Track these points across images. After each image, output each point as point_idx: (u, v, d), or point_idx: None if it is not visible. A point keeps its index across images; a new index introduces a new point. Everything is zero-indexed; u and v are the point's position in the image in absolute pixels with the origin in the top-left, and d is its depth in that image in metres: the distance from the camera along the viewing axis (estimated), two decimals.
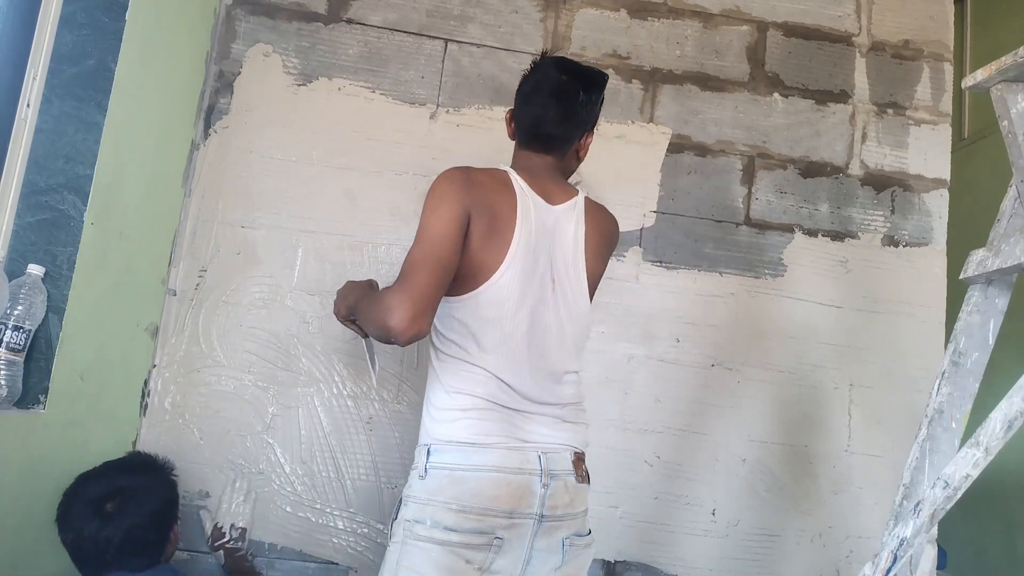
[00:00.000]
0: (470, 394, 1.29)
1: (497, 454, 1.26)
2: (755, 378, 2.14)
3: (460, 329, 1.31)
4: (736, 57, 2.29)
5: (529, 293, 1.33)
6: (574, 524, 1.33)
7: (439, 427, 1.29)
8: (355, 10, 2.16)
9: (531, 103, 1.44)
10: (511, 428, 1.29)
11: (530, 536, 1.27)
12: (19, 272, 1.45)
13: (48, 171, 1.52)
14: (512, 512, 1.25)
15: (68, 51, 1.54)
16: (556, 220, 1.40)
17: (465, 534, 1.22)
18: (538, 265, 1.35)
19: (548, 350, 1.36)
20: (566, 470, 1.32)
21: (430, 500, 1.24)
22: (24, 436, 1.41)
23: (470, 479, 1.24)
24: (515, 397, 1.31)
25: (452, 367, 1.32)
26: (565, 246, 1.40)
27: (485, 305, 1.30)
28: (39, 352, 1.48)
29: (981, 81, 1.18)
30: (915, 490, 1.18)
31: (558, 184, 1.46)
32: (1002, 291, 1.22)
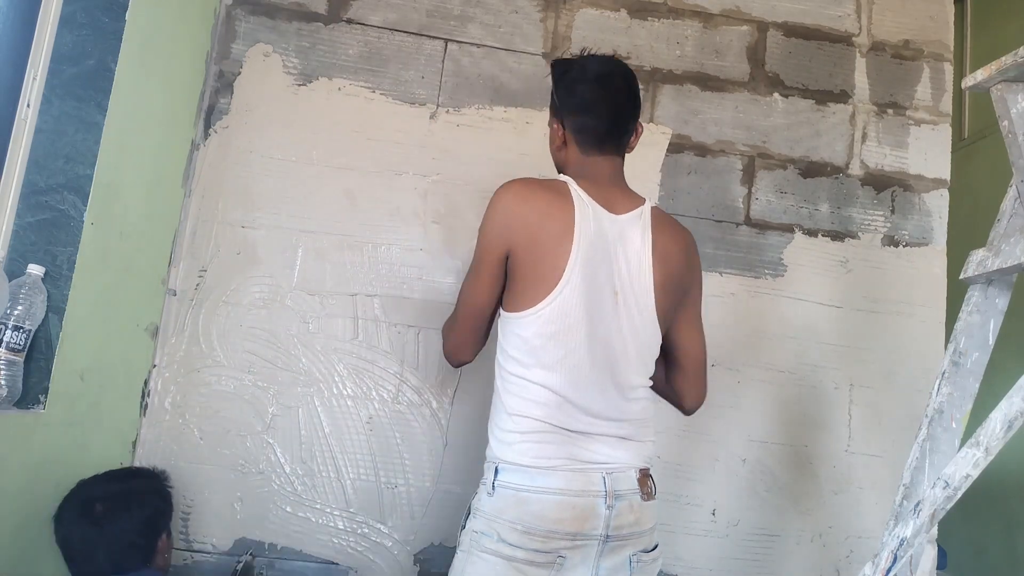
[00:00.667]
0: (530, 416, 1.28)
1: (560, 477, 1.26)
2: (755, 378, 2.14)
3: (522, 346, 1.30)
4: (736, 57, 2.29)
5: (590, 307, 1.30)
6: (641, 541, 1.32)
7: (503, 448, 1.30)
8: (355, 10, 2.16)
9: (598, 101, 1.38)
10: (573, 449, 1.28)
11: (595, 556, 1.27)
12: (19, 272, 1.45)
13: (48, 171, 1.52)
14: (576, 534, 1.25)
15: (68, 51, 1.54)
16: (621, 230, 1.35)
17: (529, 552, 1.23)
18: (599, 277, 1.32)
19: (612, 365, 1.33)
20: (631, 489, 1.31)
21: (497, 517, 1.26)
22: (24, 436, 1.41)
23: (534, 501, 1.25)
24: (577, 416, 1.29)
25: (513, 386, 1.31)
26: (629, 257, 1.35)
27: (545, 321, 1.29)
28: (39, 352, 1.48)
29: (981, 81, 1.18)
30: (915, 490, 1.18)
31: (623, 191, 1.41)
32: (1002, 291, 1.22)
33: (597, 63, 1.42)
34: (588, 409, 1.30)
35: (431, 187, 2.11)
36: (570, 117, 1.41)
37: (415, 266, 2.08)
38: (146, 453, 1.92)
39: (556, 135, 1.44)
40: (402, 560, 1.97)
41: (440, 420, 2.03)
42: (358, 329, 2.04)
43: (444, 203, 2.11)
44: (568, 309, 1.29)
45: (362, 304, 2.05)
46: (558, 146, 1.45)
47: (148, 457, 1.92)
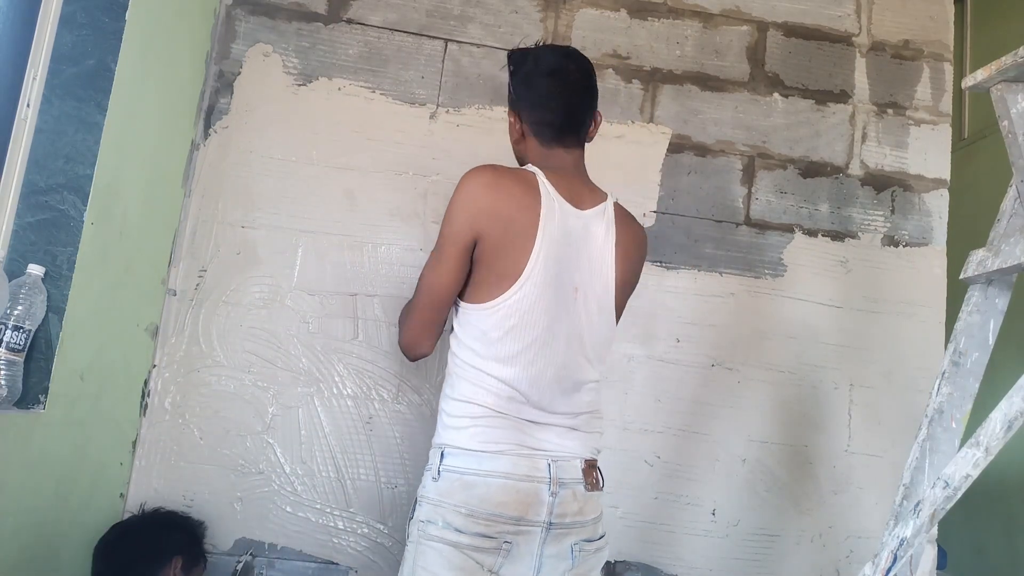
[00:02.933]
0: (481, 404, 1.29)
1: (506, 461, 1.27)
2: (755, 378, 2.14)
3: (480, 337, 1.31)
4: (736, 57, 2.29)
5: (551, 303, 1.32)
6: (584, 531, 1.33)
7: (451, 432, 1.30)
8: (355, 10, 2.16)
9: (552, 96, 1.39)
10: (521, 436, 1.29)
11: (539, 543, 1.27)
12: (19, 272, 1.45)
13: (48, 171, 1.52)
14: (520, 519, 1.25)
15: (68, 51, 1.54)
16: (584, 225, 1.37)
17: (474, 536, 1.24)
18: (561, 273, 1.33)
19: (568, 360, 1.34)
20: (575, 479, 1.32)
21: (441, 502, 1.26)
22: (24, 436, 1.41)
23: (480, 484, 1.25)
24: (526, 408, 1.31)
25: (467, 374, 1.31)
26: (592, 253, 1.37)
27: (506, 315, 1.30)
28: (39, 352, 1.48)
29: (981, 81, 1.18)
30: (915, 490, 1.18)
31: (587, 185, 1.43)
32: (1002, 291, 1.22)
33: (551, 55, 1.42)
34: (539, 403, 1.31)
35: (431, 187, 2.11)
36: (526, 111, 1.42)
37: (415, 266, 2.08)
38: (146, 453, 1.92)
39: (514, 128, 1.45)
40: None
41: None
42: (358, 329, 2.04)
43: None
44: (528, 304, 1.30)
45: (362, 304, 2.05)
46: (516, 139, 1.46)
47: (148, 457, 1.92)
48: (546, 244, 1.30)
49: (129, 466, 1.90)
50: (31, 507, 1.44)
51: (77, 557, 1.64)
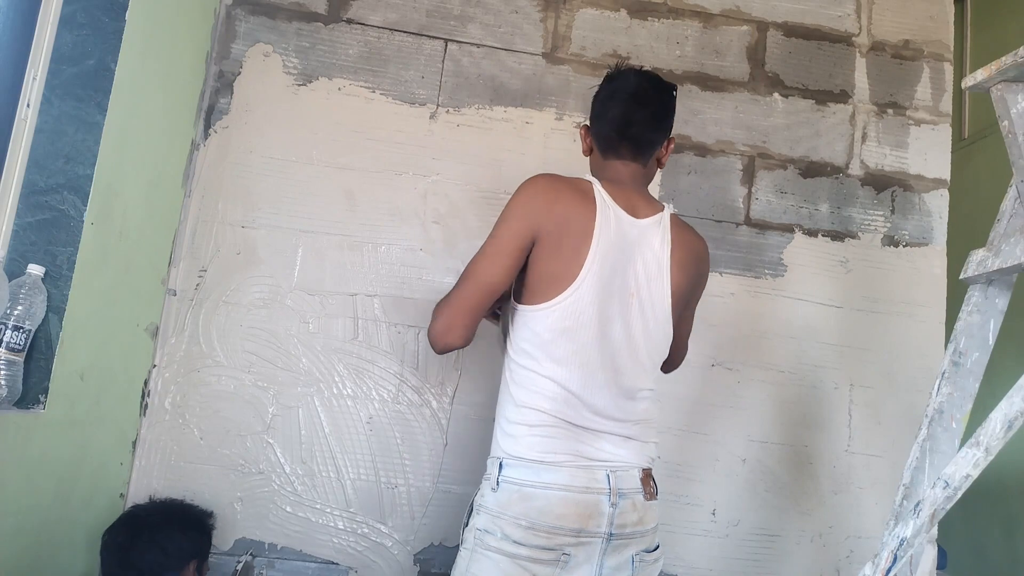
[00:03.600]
0: (538, 409, 1.29)
1: (565, 473, 1.26)
2: (755, 378, 2.14)
3: (534, 339, 1.31)
4: (736, 57, 2.29)
5: (606, 306, 1.32)
6: (643, 541, 1.33)
7: (509, 441, 1.30)
8: (355, 10, 2.16)
9: (615, 109, 1.44)
10: (578, 446, 1.29)
11: (599, 554, 1.27)
12: (19, 272, 1.45)
13: (48, 171, 1.52)
14: (580, 531, 1.25)
15: (68, 51, 1.54)
16: (640, 233, 1.38)
17: (533, 549, 1.24)
18: (616, 278, 1.34)
19: (622, 365, 1.34)
20: (634, 488, 1.32)
21: (501, 513, 1.26)
22: (24, 436, 1.41)
23: (539, 497, 1.25)
24: (583, 412, 1.30)
25: (523, 378, 1.32)
26: (647, 260, 1.38)
27: (560, 316, 1.30)
28: (39, 352, 1.48)
29: (981, 81, 1.18)
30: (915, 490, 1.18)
31: (644, 197, 1.44)
32: (1002, 291, 1.22)
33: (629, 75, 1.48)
34: (595, 406, 1.31)
35: (431, 187, 2.11)
36: (593, 124, 1.49)
37: (415, 266, 2.08)
38: (146, 453, 1.92)
39: (583, 140, 1.53)
40: (402, 560, 1.97)
41: (440, 420, 2.03)
42: (358, 329, 2.04)
43: (444, 203, 2.11)
44: (582, 307, 1.30)
45: (362, 304, 2.05)
46: (585, 151, 1.53)
47: (148, 457, 1.92)
48: (602, 248, 1.32)
49: (129, 466, 1.90)
50: (31, 507, 1.44)
51: (77, 557, 1.64)
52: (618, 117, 1.44)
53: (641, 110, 1.44)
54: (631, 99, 1.44)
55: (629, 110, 1.43)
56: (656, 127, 1.46)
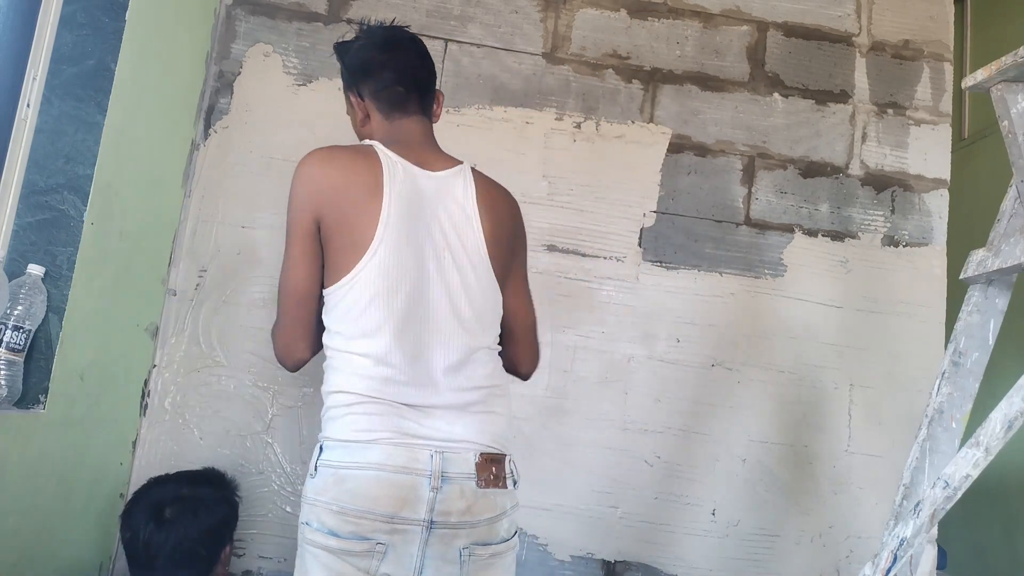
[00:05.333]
0: (351, 391, 1.20)
1: (380, 450, 1.16)
2: (755, 378, 2.14)
3: (344, 317, 1.23)
4: (736, 57, 2.29)
5: (413, 265, 1.23)
6: (475, 533, 1.20)
7: (327, 424, 1.23)
8: (355, 10, 2.16)
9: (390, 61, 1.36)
10: (399, 421, 1.18)
11: (420, 543, 1.16)
12: (19, 272, 1.46)
13: (48, 171, 1.52)
14: (393, 517, 1.14)
15: (68, 51, 1.55)
16: (439, 185, 1.30)
17: (344, 539, 1.14)
18: (420, 234, 1.25)
19: (446, 327, 1.24)
20: (464, 473, 1.19)
21: (316, 500, 1.17)
22: (24, 436, 1.41)
23: (352, 478, 1.15)
24: (406, 389, 1.20)
25: (336, 361, 1.24)
26: (451, 211, 1.29)
27: (360, 289, 1.21)
28: (39, 352, 1.48)
29: (981, 81, 1.18)
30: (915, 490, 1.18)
31: (437, 152, 1.38)
32: (1002, 291, 1.22)
33: (381, 29, 1.41)
34: (419, 379, 1.21)
35: None
36: (367, 83, 1.37)
37: None
38: (146, 453, 1.92)
39: (358, 109, 1.40)
40: None
41: None
42: None
43: None
44: (387, 268, 1.21)
45: None
46: (362, 119, 1.40)
47: (148, 457, 1.92)
48: (395, 205, 1.23)
49: (129, 466, 1.90)
50: (31, 507, 1.44)
51: (77, 557, 1.64)
52: (399, 68, 1.35)
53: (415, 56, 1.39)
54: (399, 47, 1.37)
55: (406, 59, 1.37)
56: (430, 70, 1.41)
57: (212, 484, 1.65)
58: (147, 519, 1.47)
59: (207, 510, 1.54)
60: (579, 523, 2.02)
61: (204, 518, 1.52)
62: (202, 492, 1.59)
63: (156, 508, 1.49)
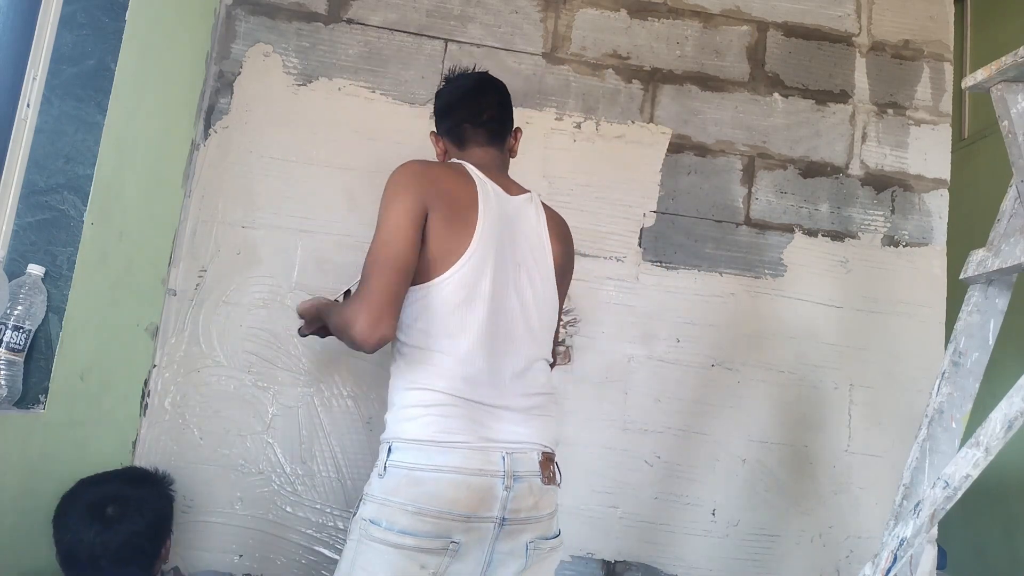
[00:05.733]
0: (432, 388, 1.25)
1: (459, 454, 1.22)
2: (755, 378, 2.14)
3: (425, 316, 1.28)
4: (736, 57, 2.29)
5: (495, 278, 1.32)
6: (539, 527, 1.29)
7: (401, 424, 1.26)
8: (355, 10, 2.16)
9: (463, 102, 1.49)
10: (475, 426, 1.25)
11: (491, 539, 1.23)
12: (19, 272, 1.46)
13: (48, 171, 1.52)
14: (470, 516, 1.21)
15: (68, 51, 1.54)
16: (516, 208, 1.42)
17: (420, 538, 1.19)
18: (503, 249, 1.35)
19: (518, 336, 1.33)
20: (532, 471, 1.28)
21: (387, 500, 1.20)
22: (24, 436, 1.41)
23: (429, 480, 1.20)
24: (480, 388, 1.27)
25: (415, 358, 1.28)
26: (528, 233, 1.41)
27: (451, 291, 1.28)
28: (39, 352, 1.48)
29: (981, 81, 1.18)
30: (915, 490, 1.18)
31: (509, 179, 1.49)
32: (1002, 291, 1.22)
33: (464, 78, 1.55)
34: (492, 380, 1.28)
35: None
36: (442, 123, 1.53)
37: None
38: (146, 453, 1.92)
39: (436, 146, 1.55)
40: None
41: None
42: None
43: None
44: (476, 277, 1.29)
45: None
46: (440, 156, 1.54)
47: (148, 457, 1.92)
48: (488, 220, 1.33)
49: (129, 466, 1.90)
50: (31, 507, 1.44)
51: None
52: (468, 108, 1.48)
53: (487, 97, 1.51)
54: (475, 90, 1.51)
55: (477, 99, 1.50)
56: (503, 110, 1.52)
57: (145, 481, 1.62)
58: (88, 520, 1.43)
59: (148, 506, 1.52)
60: (579, 523, 2.02)
61: (148, 513, 1.51)
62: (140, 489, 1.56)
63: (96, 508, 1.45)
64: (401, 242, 1.25)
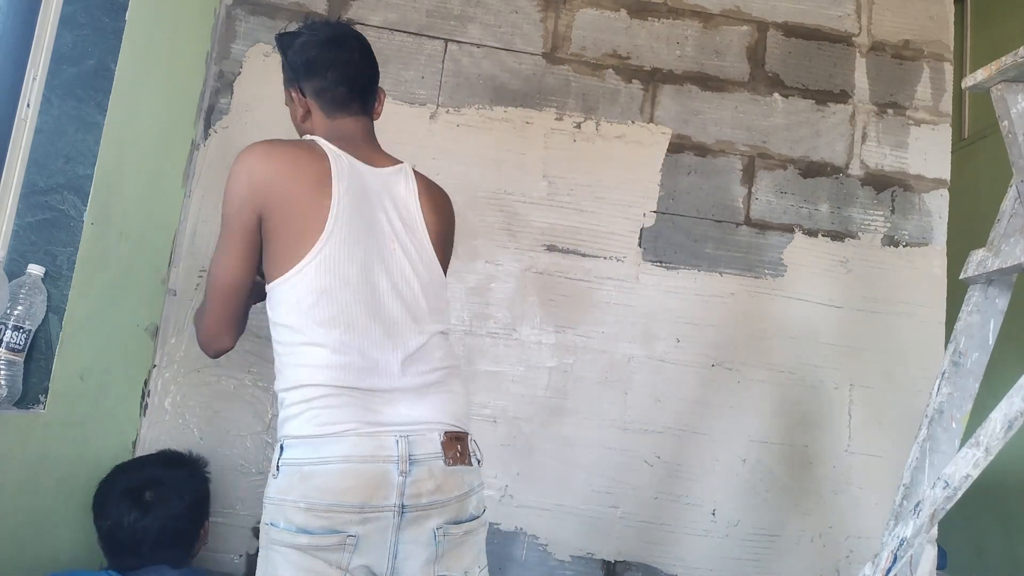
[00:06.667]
0: (312, 383, 1.18)
1: (347, 443, 1.15)
2: (755, 378, 2.14)
3: (294, 310, 1.20)
4: (736, 57, 2.29)
5: (363, 257, 1.24)
6: (446, 511, 1.20)
7: (288, 422, 1.19)
8: (355, 10, 2.16)
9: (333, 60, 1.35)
10: (364, 412, 1.17)
11: (392, 529, 1.15)
12: (19, 272, 1.46)
13: (48, 171, 1.52)
14: (364, 506, 1.13)
15: (68, 51, 1.55)
16: (383, 181, 1.33)
17: (315, 535, 1.12)
18: (368, 227, 1.26)
19: (396, 316, 1.25)
20: (432, 453, 1.19)
21: (282, 500, 1.15)
22: (24, 436, 1.41)
23: (319, 474, 1.14)
24: (364, 374, 1.19)
25: (291, 355, 1.21)
26: (397, 204, 1.32)
27: (316, 275, 1.20)
28: (39, 352, 1.48)
29: (981, 81, 1.18)
30: (915, 490, 1.18)
31: (379, 150, 1.39)
32: (1002, 291, 1.22)
33: (326, 26, 1.41)
34: (376, 365, 1.21)
35: None
36: (307, 82, 1.37)
37: None
38: (146, 453, 1.92)
39: (298, 105, 1.39)
40: None
41: None
42: None
43: None
44: (338, 260, 1.21)
45: None
46: (302, 116, 1.40)
47: None
48: (344, 197, 1.24)
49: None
50: (31, 507, 1.44)
51: (77, 558, 1.64)
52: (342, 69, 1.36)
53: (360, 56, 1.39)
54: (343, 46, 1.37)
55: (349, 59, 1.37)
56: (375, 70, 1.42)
57: (181, 464, 1.65)
58: (129, 506, 1.47)
59: (186, 488, 1.56)
60: (579, 523, 2.02)
61: (185, 496, 1.53)
62: (177, 471, 1.61)
63: (136, 492, 1.48)
64: (235, 263, 1.25)
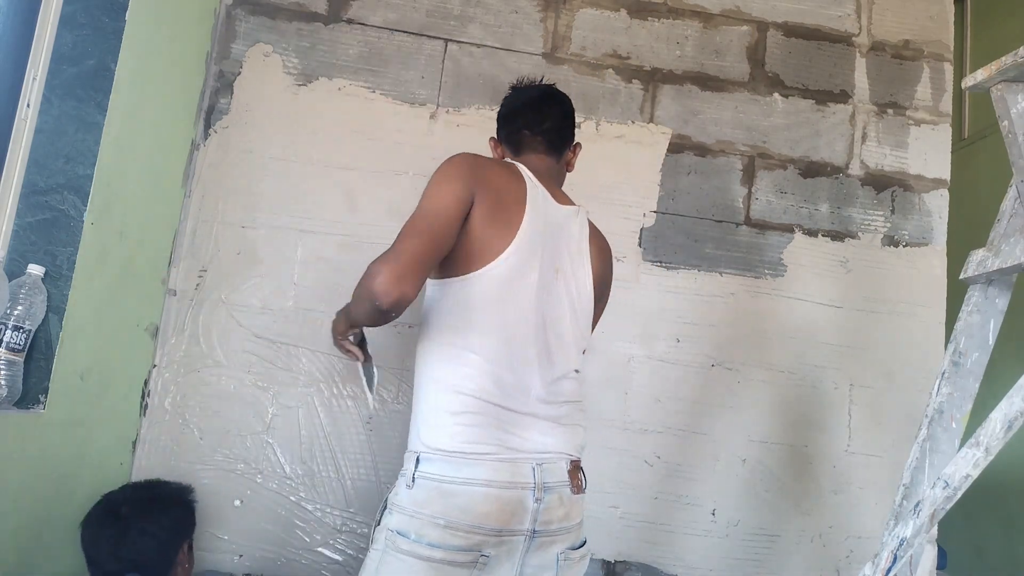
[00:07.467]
0: (460, 391, 1.21)
1: (488, 467, 1.19)
2: (755, 378, 2.14)
3: (458, 311, 1.24)
4: (736, 57, 2.29)
5: (535, 280, 1.27)
6: (569, 537, 1.26)
7: (429, 432, 1.22)
8: (355, 10, 2.16)
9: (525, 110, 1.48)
10: (503, 435, 1.21)
11: (521, 553, 1.21)
12: (19, 272, 1.46)
13: (48, 171, 1.52)
14: (502, 530, 1.18)
15: (68, 51, 1.54)
16: (564, 217, 1.39)
17: (450, 551, 1.16)
18: (545, 253, 1.30)
19: (551, 342, 1.29)
20: (561, 482, 1.25)
21: (417, 512, 1.18)
22: (24, 436, 1.41)
23: (460, 493, 1.17)
24: (509, 393, 1.22)
25: (443, 354, 1.24)
26: (570, 242, 1.38)
27: (488, 286, 1.23)
28: (39, 352, 1.48)
29: (981, 81, 1.18)
30: (915, 490, 1.18)
31: (561, 190, 1.47)
32: (1002, 291, 1.22)
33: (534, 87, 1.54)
34: (521, 385, 1.24)
35: None
36: (502, 129, 1.51)
37: None
38: (146, 453, 1.92)
39: (495, 151, 1.53)
40: None
41: None
42: None
43: None
44: (515, 275, 1.25)
45: None
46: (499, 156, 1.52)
47: (148, 457, 1.92)
48: (533, 221, 1.28)
49: (129, 466, 1.90)
50: (31, 507, 1.44)
51: (77, 558, 1.64)
52: (530, 116, 1.47)
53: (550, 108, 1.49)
54: (539, 100, 1.49)
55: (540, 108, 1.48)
56: (564, 122, 1.50)
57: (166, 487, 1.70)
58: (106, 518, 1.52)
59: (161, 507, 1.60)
60: None
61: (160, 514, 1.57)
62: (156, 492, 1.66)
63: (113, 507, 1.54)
64: (441, 216, 1.20)
